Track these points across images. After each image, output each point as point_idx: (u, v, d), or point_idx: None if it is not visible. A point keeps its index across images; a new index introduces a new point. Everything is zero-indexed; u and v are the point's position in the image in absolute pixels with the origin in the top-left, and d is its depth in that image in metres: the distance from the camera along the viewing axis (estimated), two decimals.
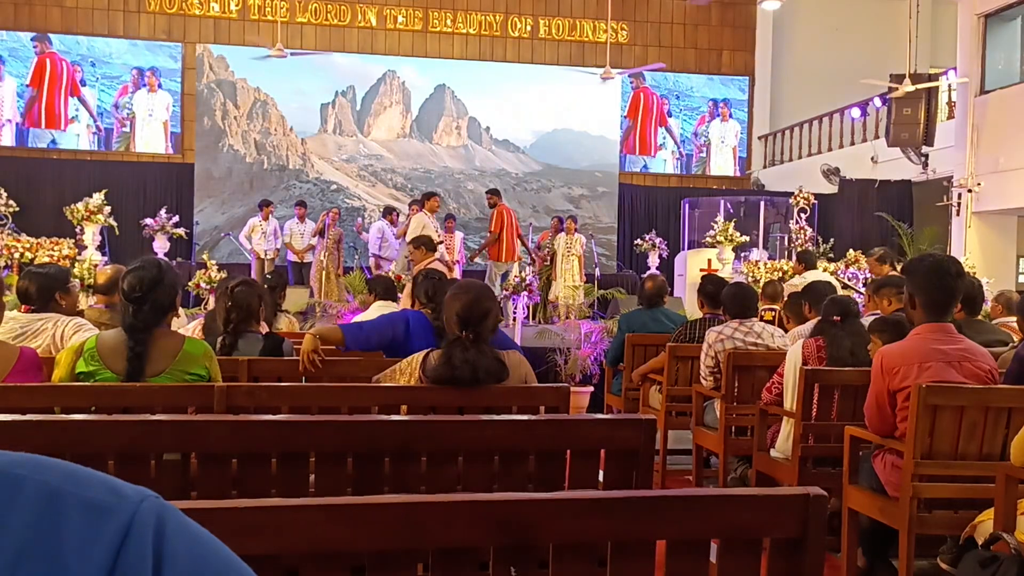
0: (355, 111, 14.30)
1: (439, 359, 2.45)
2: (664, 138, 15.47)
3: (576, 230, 10.58)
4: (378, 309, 4.81)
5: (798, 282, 6.59)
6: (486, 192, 10.05)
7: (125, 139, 13.73)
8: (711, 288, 4.68)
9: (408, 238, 7.69)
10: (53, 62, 13.43)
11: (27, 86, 13.42)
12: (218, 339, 3.16)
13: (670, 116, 15.46)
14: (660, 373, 4.71)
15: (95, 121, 13.61)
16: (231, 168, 13.73)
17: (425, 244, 6.22)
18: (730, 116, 15.57)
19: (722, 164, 15.64)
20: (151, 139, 13.78)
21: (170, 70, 13.78)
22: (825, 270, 8.82)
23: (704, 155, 15.60)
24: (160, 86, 13.74)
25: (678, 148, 15.56)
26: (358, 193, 14.06)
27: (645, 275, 11.81)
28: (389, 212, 10.89)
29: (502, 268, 9.40)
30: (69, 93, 13.47)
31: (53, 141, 13.49)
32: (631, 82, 15.08)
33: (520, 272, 8.30)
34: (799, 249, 10.17)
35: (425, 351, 2.54)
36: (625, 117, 15.20)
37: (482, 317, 2.46)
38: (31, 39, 13.42)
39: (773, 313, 5.62)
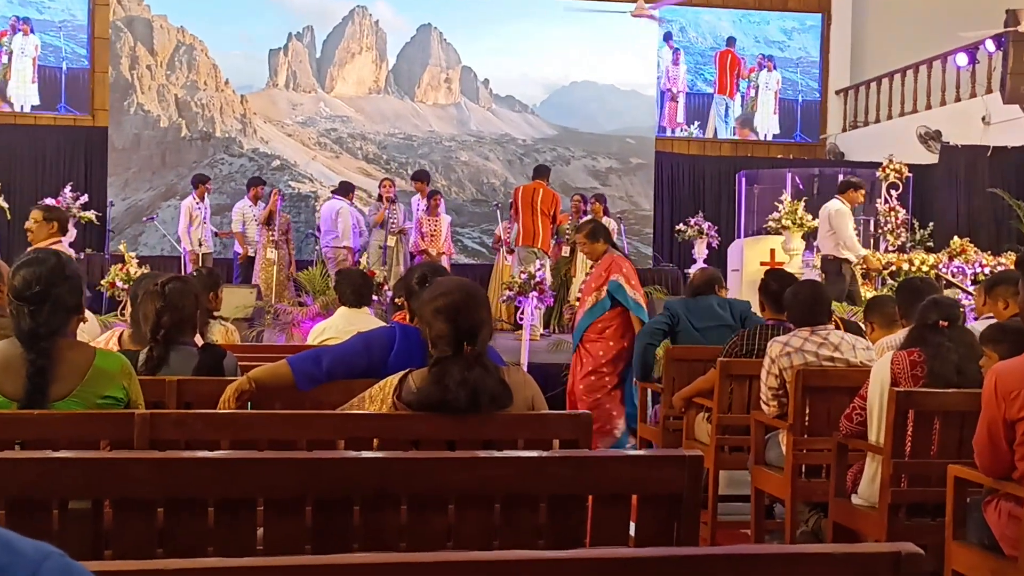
0: (314, 59, 14.31)
1: (426, 379, 2.45)
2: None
3: (605, 212, 10.59)
4: (344, 319, 4.80)
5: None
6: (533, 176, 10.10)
7: None
8: (775, 287, 4.67)
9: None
10: None
11: None
12: (142, 352, 3.16)
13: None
14: (708, 396, 4.70)
15: None
16: (139, 136, 13.43)
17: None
18: (775, 66, 15.63)
19: (770, 125, 15.72)
20: (18, 91, 13.56)
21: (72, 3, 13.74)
22: (922, 264, 8.81)
23: (750, 115, 15.69)
24: (32, 30, 13.61)
25: (731, 107, 15.58)
26: (311, 172, 13.82)
27: (693, 270, 11.99)
28: (348, 191, 10.89)
29: (528, 256, 9.57)
30: None
31: None
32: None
33: (529, 266, 8.31)
34: (890, 235, 10.17)
35: (403, 372, 2.53)
36: (717, 91, 15.25)
37: (478, 326, 2.47)
38: None
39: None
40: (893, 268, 8.83)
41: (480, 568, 1.17)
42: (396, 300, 4.21)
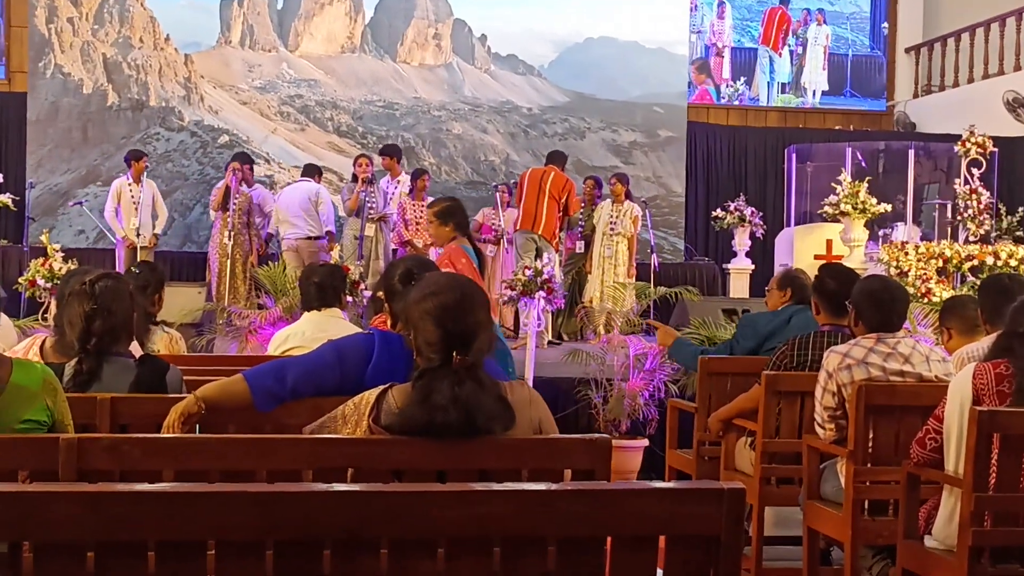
0: (275, 11, 14.34)
1: (410, 396, 2.45)
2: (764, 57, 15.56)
3: (628, 195, 10.58)
4: (312, 325, 4.80)
5: None
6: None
7: None
8: (833, 285, 4.66)
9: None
10: None
11: None
12: (69, 364, 3.17)
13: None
14: (752, 417, 4.70)
15: None
16: (56, 104, 13.32)
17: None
18: (824, 20, 15.66)
19: (818, 81, 15.78)
20: None
21: None
22: (1011, 257, 8.80)
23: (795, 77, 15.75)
24: None
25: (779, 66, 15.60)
26: (268, 150, 13.69)
27: (734, 265, 11.96)
28: (314, 172, 10.88)
29: (526, 244, 9.59)
30: None
31: None
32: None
33: (535, 261, 8.31)
34: (972, 223, 10.15)
35: (381, 388, 2.53)
36: (761, 42, 15.29)
37: (474, 330, 2.47)
38: None
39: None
40: (975, 263, 8.83)
41: None
42: (376, 298, 4.20)
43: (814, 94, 15.74)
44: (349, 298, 6.79)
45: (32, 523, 1.82)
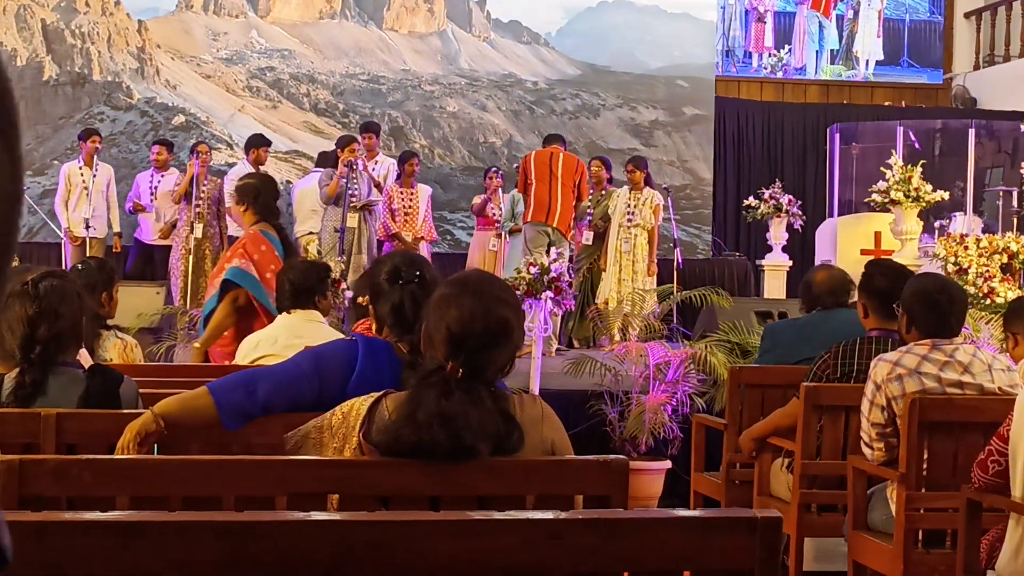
0: None
1: (397, 409, 2.46)
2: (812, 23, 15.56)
3: (647, 182, 10.55)
4: (286, 329, 4.82)
5: None
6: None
7: None
8: (883, 284, 4.65)
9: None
10: None
11: None
12: (8, 376, 3.17)
13: None
14: (789, 435, 4.70)
15: None
16: None
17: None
18: None
19: (872, 50, 15.76)
20: None
21: None
22: None
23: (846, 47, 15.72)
24: None
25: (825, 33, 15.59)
26: (231, 132, 13.61)
27: (769, 260, 11.93)
28: (328, 161, 10.90)
29: (537, 238, 9.52)
30: None
31: None
32: None
33: (538, 252, 8.31)
34: None
35: (375, 395, 2.55)
36: (810, 5, 15.30)
37: (492, 337, 2.47)
38: None
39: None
40: None
41: None
42: (358, 302, 4.20)
43: (867, 64, 15.70)
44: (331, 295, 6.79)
45: None
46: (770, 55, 15.48)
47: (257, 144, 10.82)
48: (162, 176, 10.88)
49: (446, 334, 2.46)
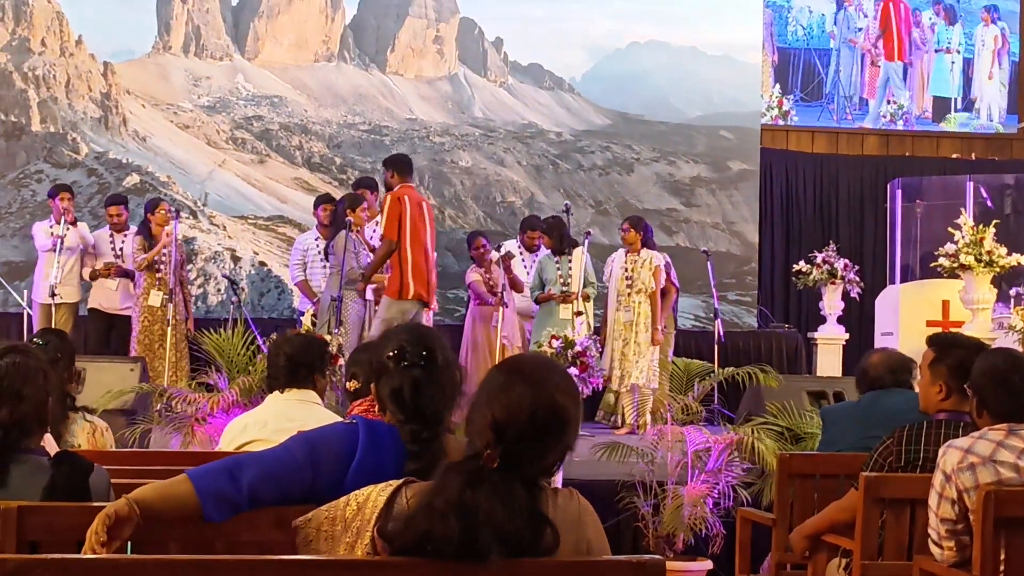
0: (228, 8, 14.42)
1: (418, 498, 2.45)
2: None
3: (645, 243, 10.47)
4: (277, 411, 4.83)
5: None
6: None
7: None
8: (952, 360, 4.65)
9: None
10: None
11: None
12: None
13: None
14: (847, 532, 4.68)
15: None
16: None
17: None
18: (996, 18, 15.65)
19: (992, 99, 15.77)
20: None
21: None
22: None
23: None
24: None
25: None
26: (211, 189, 13.52)
27: (821, 333, 11.86)
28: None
29: (399, 311, 9.31)
30: None
31: None
32: None
33: (565, 327, 8.31)
34: None
35: (395, 484, 2.54)
36: (875, 39, 15.29)
37: (542, 428, 2.46)
38: None
39: None
40: None
41: None
42: (351, 383, 4.18)
43: (990, 120, 15.73)
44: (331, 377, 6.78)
45: None
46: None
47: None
48: (124, 237, 10.93)
49: (490, 421, 2.46)
